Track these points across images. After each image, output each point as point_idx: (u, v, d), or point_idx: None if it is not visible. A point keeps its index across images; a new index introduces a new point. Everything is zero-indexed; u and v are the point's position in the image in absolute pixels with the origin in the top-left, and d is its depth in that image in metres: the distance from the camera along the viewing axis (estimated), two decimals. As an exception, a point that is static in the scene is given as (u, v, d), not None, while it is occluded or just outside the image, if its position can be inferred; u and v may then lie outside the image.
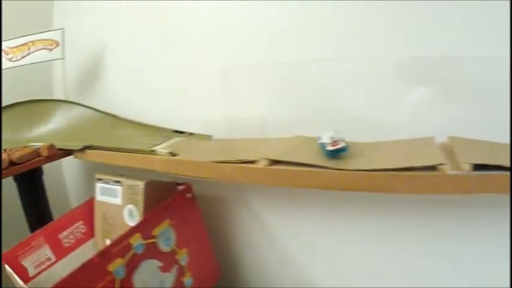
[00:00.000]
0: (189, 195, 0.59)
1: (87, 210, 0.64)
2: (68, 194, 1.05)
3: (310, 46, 0.55)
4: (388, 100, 0.50)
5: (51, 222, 0.62)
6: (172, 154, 0.52)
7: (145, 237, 0.52)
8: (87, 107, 0.74)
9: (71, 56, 0.78)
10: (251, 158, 0.46)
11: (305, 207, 0.59)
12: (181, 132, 0.63)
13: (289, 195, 0.60)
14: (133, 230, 0.50)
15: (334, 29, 0.53)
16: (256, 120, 0.60)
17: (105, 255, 0.47)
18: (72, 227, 0.63)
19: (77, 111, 0.74)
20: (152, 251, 0.52)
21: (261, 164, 0.44)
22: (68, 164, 0.98)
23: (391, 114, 0.49)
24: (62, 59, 0.75)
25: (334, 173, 0.39)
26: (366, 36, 0.50)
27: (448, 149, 0.40)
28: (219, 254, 0.65)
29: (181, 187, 0.59)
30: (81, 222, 0.64)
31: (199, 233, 0.61)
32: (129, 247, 0.50)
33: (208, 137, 0.62)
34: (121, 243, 0.49)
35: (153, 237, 0.53)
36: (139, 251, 0.51)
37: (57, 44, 0.75)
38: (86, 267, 0.46)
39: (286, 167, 0.43)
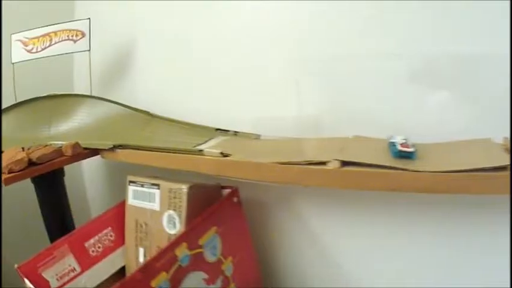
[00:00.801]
0: (235, 199, 0.53)
1: (117, 215, 0.58)
2: (88, 197, 0.98)
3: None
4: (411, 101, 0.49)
5: (77, 229, 0.56)
6: (224, 154, 0.46)
7: (191, 248, 0.46)
8: (115, 103, 0.68)
9: (96, 47, 0.72)
10: (320, 159, 0.41)
11: (349, 209, 0.56)
12: (225, 131, 0.58)
13: (335, 196, 0.56)
14: (179, 240, 0.45)
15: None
16: (308, 119, 0.56)
17: (148, 270, 0.42)
18: (100, 234, 0.57)
19: (104, 107, 0.68)
20: (198, 262, 0.47)
21: (332, 166, 0.40)
22: (87, 165, 0.92)
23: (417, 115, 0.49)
24: (88, 50, 0.70)
25: (412, 175, 0.37)
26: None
27: (508, 149, 0.38)
28: (260, 259, 0.60)
29: (227, 191, 0.53)
30: (109, 228, 0.58)
31: (244, 240, 0.56)
32: (174, 259, 0.44)
33: (256, 136, 0.56)
34: (165, 256, 0.44)
35: (200, 246, 0.47)
36: (185, 263, 0.45)
37: (83, 35, 0.69)
38: (126, 284, 0.41)
39: (357, 168, 0.39)
